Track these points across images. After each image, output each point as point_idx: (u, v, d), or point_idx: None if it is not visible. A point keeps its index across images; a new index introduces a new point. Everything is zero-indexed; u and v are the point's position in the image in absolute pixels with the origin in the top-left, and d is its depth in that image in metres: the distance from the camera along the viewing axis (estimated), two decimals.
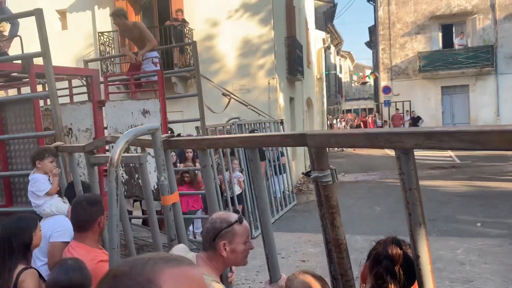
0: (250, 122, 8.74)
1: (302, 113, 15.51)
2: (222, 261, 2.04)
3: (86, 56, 11.61)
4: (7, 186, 4.17)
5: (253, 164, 1.95)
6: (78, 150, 3.39)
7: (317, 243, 7.21)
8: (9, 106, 4.11)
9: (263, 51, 11.23)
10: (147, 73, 6.36)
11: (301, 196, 11.14)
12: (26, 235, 2.63)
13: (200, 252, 2.07)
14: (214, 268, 2.04)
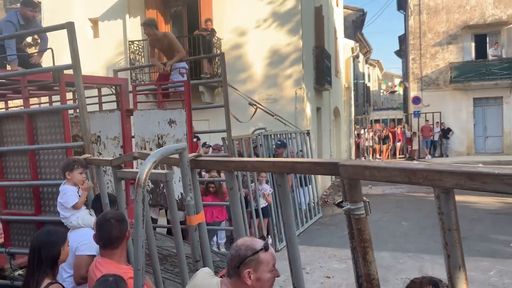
0: (276, 133, 8.67)
1: (329, 123, 15.35)
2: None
3: (117, 63, 11.83)
4: (36, 195, 4.23)
5: (282, 189, 1.88)
6: (106, 164, 3.41)
7: (343, 258, 7.05)
8: (39, 117, 4.18)
9: (290, 61, 11.18)
10: (174, 83, 6.40)
11: (327, 208, 10.97)
12: (55, 249, 2.65)
13: (225, 278, 2.03)
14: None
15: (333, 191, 13.44)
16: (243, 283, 1.93)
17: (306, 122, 11.29)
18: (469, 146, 20.65)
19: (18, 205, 4.38)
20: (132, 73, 11.20)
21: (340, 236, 8.48)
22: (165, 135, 5.96)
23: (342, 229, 8.92)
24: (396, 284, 5.79)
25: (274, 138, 8.43)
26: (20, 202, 4.38)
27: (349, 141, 20.18)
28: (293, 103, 11.06)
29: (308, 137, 9.97)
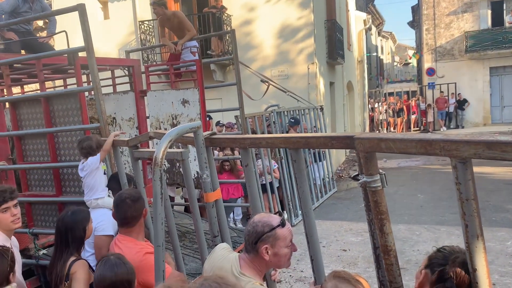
0: (289, 109, 8.64)
1: (343, 97, 15.22)
2: (265, 264, 2.03)
3: (128, 44, 11.82)
4: (56, 176, 4.32)
5: (297, 165, 1.90)
6: (123, 144, 3.46)
7: (359, 232, 7.11)
8: (56, 100, 4.23)
9: (302, 36, 11.03)
10: (186, 62, 6.39)
11: (342, 183, 10.99)
12: (81, 229, 2.75)
13: (243, 254, 2.07)
14: (257, 270, 2.03)
15: (348, 165, 13.43)
16: (260, 258, 1.98)
17: (319, 97, 11.21)
18: (485, 117, 20.30)
19: (39, 186, 4.49)
20: (144, 54, 11.19)
21: (355, 210, 8.52)
22: (179, 115, 5.99)
23: (357, 203, 8.96)
24: (412, 256, 5.84)
25: (287, 115, 8.41)
26: (41, 184, 4.48)
27: (363, 115, 20.03)
28: (306, 78, 10.96)
29: (321, 113, 9.93)
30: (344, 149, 1.73)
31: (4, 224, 2.78)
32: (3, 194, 2.78)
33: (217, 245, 2.34)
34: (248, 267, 2.01)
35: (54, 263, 2.67)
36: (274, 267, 2.15)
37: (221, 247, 2.26)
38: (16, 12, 5.13)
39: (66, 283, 2.62)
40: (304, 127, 8.63)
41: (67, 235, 2.70)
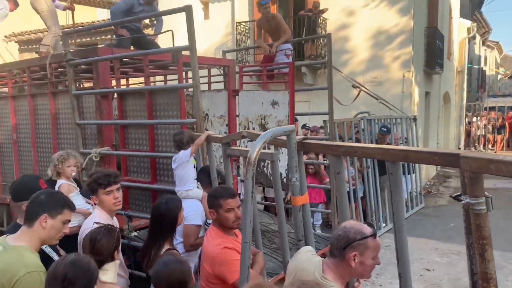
0: (380, 117, 8.37)
1: (438, 109, 14.39)
2: (349, 271, 2.02)
3: (224, 44, 12.26)
4: (153, 165, 4.63)
5: (393, 178, 1.85)
6: (216, 141, 3.60)
7: (445, 252, 6.71)
8: (158, 94, 4.53)
9: (400, 42, 10.63)
10: (279, 64, 6.48)
11: (430, 199, 10.41)
12: (174, 216, 2.93)
13: (327, 258, 2.07)
14: (339, 276, 2.03)
15: (438, 181, 12.68)
16: (346, 264, 1.97)
17: (413, 107, 10.72)
18: None
19: (136, 173, 4.84)
20: (238, 54, 11.53)
21: (443, 229, 8.04)
22: (267, 116, 6.10)
23: (445, 222, 8.44)
24: (506, 286, 5.37)
25: (378, 123, 8.15)
26: (138, 170, 4.83)
27: (459, 129, 18.76)
28: (400, 86, 10.55)
29: (414, 123, 9.48)
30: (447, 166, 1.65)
31: (107, 205, 3.05)
32: (108, 178, 3.05)
33: (301, 247, 2.36)
34: (330, 272, 2.01)
35: (148, 247, 2.87)
36: (356, 276, 2.12)
37: (306, 249, 2.29)
38: (131, 11, 5.56)
39: None
40: (395, 137, 8.31)
41: (161, 222, 2.90)
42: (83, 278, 1.85)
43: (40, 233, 2.25)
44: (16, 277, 2.06)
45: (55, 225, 2.28)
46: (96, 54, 4.72)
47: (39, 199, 2.31)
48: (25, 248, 2.20)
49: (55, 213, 2.28)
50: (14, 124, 6.00)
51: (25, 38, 13.48)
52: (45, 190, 2.44)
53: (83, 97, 4.99)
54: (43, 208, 2.26)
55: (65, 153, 3.81)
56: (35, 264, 2.14)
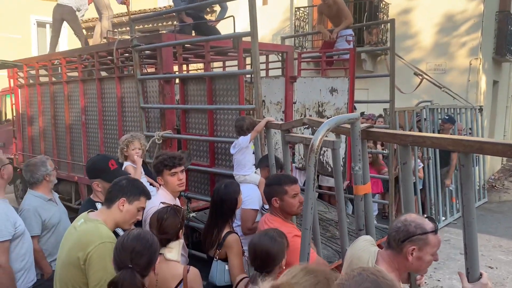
0: (444, 107, 8.00)
1: (507, 99, 13.54)
2: (404, 265, 1.99)
3: (282, 30, 12.20)
4: (211, 149, 4.74)
5: (465, 170, 1.78)
6: (276, 127, 3.62)
7: (510, 250, 6.39)
8: (218, 80, 4.61)
9: (467, 28, 10.05)
10: (339, 51, 6.35)
11: (494, 194, 9.88)
12: (234, 200, 3.01)
13: (384, 250, 2.05)
14: (394, 268, 2.00)
15: (503, 175, 11.99)
16: (403, 257, 1.95)
17: (479, 96, 10.16)
18: None
19: (196, 156, 4.98)
20: (296, 40, 11.43)
21: (508, 225, 7.63)
22: (325, 103, 6.02)
23: (510, 218, 8.00)
24: None
25: (441, 113, 7.80)
26: (197, 154, 4.96)
27: None
28: (466, 75, 10.01)
29: (480, 114, 8.99)
30: None
31: (171, 185, 3.17)
32: (173, 160, 3.16)
33: (361, 236, 2.34)
34: (384, 263, 1.99)
35: (209, 229, 2.97)
36: (412, 270, 2.09)
37: (364, 238, 2.28)
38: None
39: (218, 250, 2.90)
40: (459, 128, 7.93)
41: (222, 206, 2.98)
42: (149, 251, 1.96)
43: (116, 215, 2.42)
44: (92, 246, 2.23)
45: (130, 210, 2.43)
46: (160, 40, 4.86)
47: (120, 183, 2.47)
48: (101, 223, 2.37)
49: (132, 199, 2.44)
50: (83, 107, 6.36)
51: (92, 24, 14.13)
52: (127, 176, 2.62)
53: (147, 82, 5.17)
54: (123, 193, 2.42)
55: (130, 136, 3.98)
56: (109, 235, 2.32)
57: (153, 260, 2.01)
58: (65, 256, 2.33)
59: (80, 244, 2.26)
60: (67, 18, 7.70)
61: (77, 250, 2.25)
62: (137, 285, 1.86)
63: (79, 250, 2.24)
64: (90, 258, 2.21)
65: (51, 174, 3.46)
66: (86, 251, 2.22)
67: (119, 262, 1.93)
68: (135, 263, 1.91)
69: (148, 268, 1.97)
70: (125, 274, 1.86)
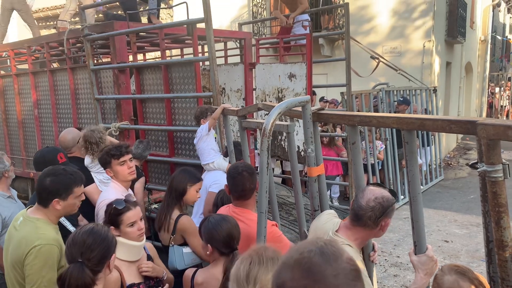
0: (399, 89, 8.23)
1: (459, 79, 14.05)
2: (373, 235, 2.06)
3: (240, 17, 12.11)
4: (171, 139, 4.69)
5: (409, 147, 1.84)
6: (232, 114, 3.61)
7: (464, 224, 6.69)
8: (174, 68, 4.54)
9: (420, 11, 10.32)
10: (296, 36, 6.38)
11: (450, 171, 10.31)
12: (181, 185, 3.01)
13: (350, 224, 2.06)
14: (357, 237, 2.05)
15: (458, 153, 12.51)
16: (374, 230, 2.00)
17: (433, 78, 10.49)
18: None
19: (155, 147, 4.91)
20: (254, 27, 11.39)
21: (462, 201, 7.99)
22: (284, 89, 6.07)
23: (465, 194, 8.37)
24: None
25: (397, 94, 8.02)
26: (157, 144, 4.89)
27: (480, 100, 18.33)
28: (420, 57, 10.30)
29: (434, 95, 9.30)
30: (464, 134, 1.63)
31: (122, 175, 3.11)
32: (120, 149, 3.12)
33: (324, 210, 2.41)
34: (347, 230, 2.04)
35: (161, 212, 2.98)
36: (375, 237, 2.12)
37: (327, 212, 2.35)
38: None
39: (173, 236, 2.89)
40: (414, 109, 8.19)
41: (171, 191, 2.99)
42: (101, 245, 1.92)
43: (56, 212, 2.35)
44: (29, 248, 2.18)
45: (69, 204, 2.36)
46: (112, 28, 4.73)
47: (45, 184, 2.32)
48: (41, 221, 2.30)
49: (65, 196, 2.34)
50: (35, 100, 6.12)
51: (42, 15, 13.58)
52: (50, 172, 2.40)
53: (101, 72, 5.03)
54: (53, 194, 2.31)
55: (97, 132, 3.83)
56: (48, 237, 2.23)
57: (107, 255, 1.95)
58: (9, 257, 2.28)
59: (20, 247, 2.21)
60: (17, 7, 7.34)
61: (17, 252, 2.22)
62: (85, 280, 1.81)
63: (19, 252, 2.20)
64: (26, 260, 2.17)
65: (9, 170, 3.32)
66: (24, 254, 2.18)
67: (70, 256, 1.89)
68: (86, 258, 1.87)
69: (101, 263, 1.92)
70: (73, 268, 1.82)
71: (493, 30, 20.97)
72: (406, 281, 4.88)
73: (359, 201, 1.99)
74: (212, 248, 2.32)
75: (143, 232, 2.49)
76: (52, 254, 2.19)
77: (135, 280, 2.46)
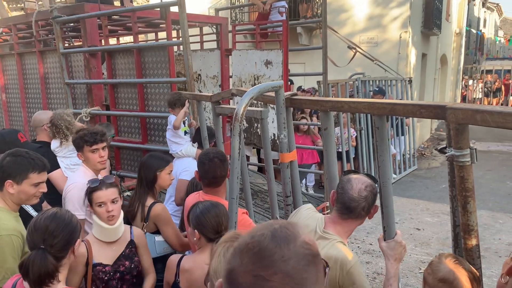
0: (375, 79, 8.28)
1: (434, 71, 14.25)
2: (357, 225, 2.02)
3: (217, 3, 11.94)
4: (143, 125, 4.59)
5: (379, 132, 1.82)
6: (206, 99, 3.55)
7: (436, 213, 6.81)
8: (147, 52, 4.43)
9: (398, 1, 10.38)
10: (273, 23, 6.33)
11: (423, 161, 10.47)
12: (151, 171, 2.94)
13: (333, 216, 2.02)
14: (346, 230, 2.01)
15: (432, 143, 12.74)
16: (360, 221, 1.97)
17: (409, 69, 10.60)
18: None
19: (127, 133, 4.81)
20: (232, 13, 11.26)
21: (434, 190, 8.13)
22: (261, 76, 6.02)
23: (437, 183, 8.52)
24: (492, 244, 5.49)
25: (373, 85, 8.07)
26: (129, 130, 4.79)
27: (454, 92, 18.69)
28: (396, 48, 10.39)
29: (409, 85, 9.40)
30: (434, 119, 1.63)
31: (92, 163, 3.01)
32: (95, 136, 3.00)
33: (302, 205, 2.34)
34: (335, 226, 1.98)
35: (132, 199, 2.91)
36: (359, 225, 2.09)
37: (306, 207, 2.26)
38: None
39: (145, 223, 2.83)
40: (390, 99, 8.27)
41: (141, 179, 2.92)
42: (65, 231, 1.84)
43: (11, 197, 2.23)
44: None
45: (23, 190, 2.24)
46: (83, 11, 4.58)
47: (2, 164, 2.23)
48: (0, 209, 2.19)
49: (19, 179, 2.23)
50: (2, 84, 5.91)
51: None
52: (12, 153, 2.30)
53: (72, 56, 4.89)
54: (7, 174, 2.21)
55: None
56: (7, 227, 2.12)
57: (71, 241, 1.87)
58: None
59: None
60: None
61: None
62: (47, 267, 1.74)
63: None
64: None
65: None
66: None
67: (32, 243, 1.81)
68: (48, 244, 1.79)
69: (64, 249, 1.84)
70: (35, 255, 1.74)
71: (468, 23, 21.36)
72: (378, 268, 4.94)
73: (348, 192, 1.91)
74: (200, 234, 2.27)
75: (112, 215, 2.42)
76: (12, 244, 2.10)
77: (104, 261, 2.41)
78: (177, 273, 2.34)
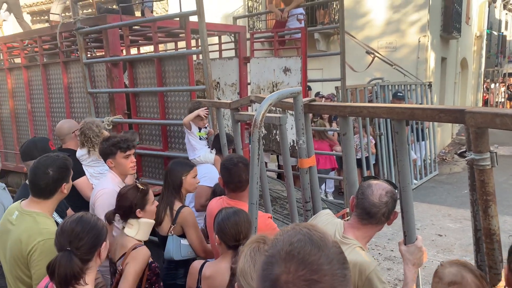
0: (394, 84, 8.22)
1: (455, 75, 14.06)
2: (376, 231, 2.03)
3: (235, 11, 12.07)
4: (164, 133, 4.67)
5: (399, 137, 1.83)
6: (225, 106, 3.60)
7: (458, 218, 6.70)
8: (167, 61, 4.51)
9: (416, 6, 10.31)
10: (291, 30, 6.36)
11: (444, 166, 10.32)
12: (177, 177, 3.03)
13: (354, 221, 2.02)
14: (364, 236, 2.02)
15: (453, 148, 12.53)
16: (382, 224, 1.98)
17: (429, 73, 10.50)
18: None
19: (148, 141, 4.89)
20: (250, 21, 11.35)
21: (456, 195, 8.01)
22: (279, 83, 6.05)
23: (459, 189, 8.39)
24: None
25: (392, 90, 8.01)
26: (150, 138, 4.88)
27: (476, 96, 18.37)
28: (415, 52, 10.30)
29: (429, 90, 9.30)
30: (453, 123, 1.63)
31: (124, 168, 3.09)
32: (127, 142, 3.10)
33: (321, 211, 2.35)
34: (354, 231, 1.98)
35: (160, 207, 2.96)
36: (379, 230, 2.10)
37: (325, 212, 2.27)
38: None
39: (173, 225, 2.90)
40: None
41: (168, 183, 2.99)
42: (90, 234, 1.91)
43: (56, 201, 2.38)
44: (32, 244, 2.16)
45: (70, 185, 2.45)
46: (105, 22, 4.69)
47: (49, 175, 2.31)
48: (40, 215, 2.28)
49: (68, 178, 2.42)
50: (28, 94, 6.08)
51: (37, 9, 13.49)
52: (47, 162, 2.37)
53: (94, 66, 5.00)
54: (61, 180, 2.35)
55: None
56: (50, 231, 2.19)
57: (97, 243, 1.94)
58: (8, 253, 2.25)
59: (21, 242, 2.19)
60: (8, 1, 7.30)
61: (18, 248, 2.19)
62: (73, 268, 1.80)
63: (21, 248, 2.18)
64: (32, 257, 2.15)
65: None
66: (27, 249, 2.16)
67: (59, 245, 1.88)
68: (74, 246, 1.85)
69: (90, 252, 1.91)
70: (62, 256, 1.81)
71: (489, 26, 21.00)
72: (400, 275, 4.89)
73: (369, 198, 1.92)
74: (220, 240, 2.30)
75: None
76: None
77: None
78: (199, 279, 2.38)
